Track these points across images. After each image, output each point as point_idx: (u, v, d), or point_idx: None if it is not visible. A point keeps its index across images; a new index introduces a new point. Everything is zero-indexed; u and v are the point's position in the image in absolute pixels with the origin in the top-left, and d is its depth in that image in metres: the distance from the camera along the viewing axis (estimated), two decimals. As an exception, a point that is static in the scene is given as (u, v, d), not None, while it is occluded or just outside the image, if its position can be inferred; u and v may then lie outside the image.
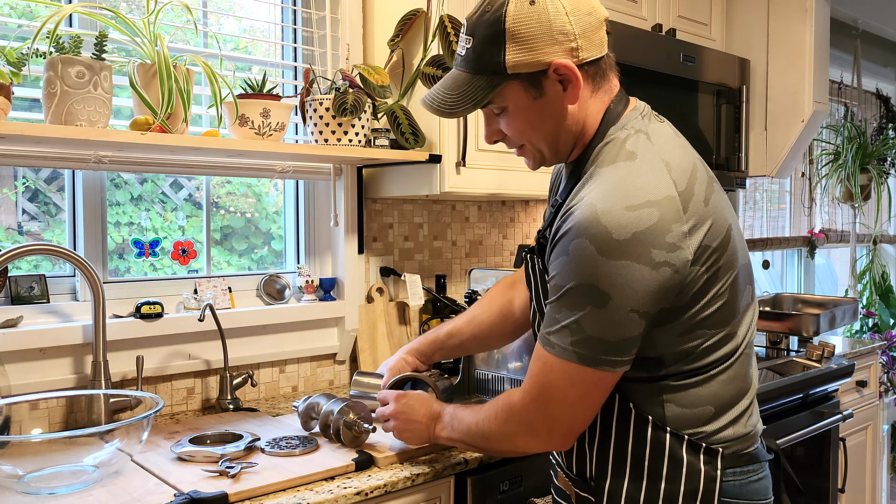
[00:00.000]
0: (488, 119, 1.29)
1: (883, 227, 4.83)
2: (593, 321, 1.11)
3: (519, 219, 2.76)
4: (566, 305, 1.13)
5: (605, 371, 1.14)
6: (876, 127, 4.74)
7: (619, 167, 1.17)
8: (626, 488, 1.22)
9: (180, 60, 1.68)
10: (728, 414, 1.22)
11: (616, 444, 1.23)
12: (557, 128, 1.24)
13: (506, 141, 1.30)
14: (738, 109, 2.85)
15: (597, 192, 1.14)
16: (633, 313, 1.10)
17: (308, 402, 1.67)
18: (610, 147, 1.21)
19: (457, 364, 2.38)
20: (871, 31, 4.70)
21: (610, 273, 1.09)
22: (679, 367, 1.19)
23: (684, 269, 1.12)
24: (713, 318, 1.17)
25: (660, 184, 1.13)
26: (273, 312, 2.06)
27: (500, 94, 1.22)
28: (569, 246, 1.12)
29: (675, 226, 1.11)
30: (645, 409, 1.20)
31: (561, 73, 1.18)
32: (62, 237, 1.85)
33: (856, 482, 2.96)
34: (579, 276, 1.11)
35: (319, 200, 2.25)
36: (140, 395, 1.59)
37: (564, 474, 1.34)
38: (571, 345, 1.13)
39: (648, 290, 1.10)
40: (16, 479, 1.32)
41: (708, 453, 1.19)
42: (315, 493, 1.37)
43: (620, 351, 1.13)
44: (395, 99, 2.10)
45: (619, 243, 1.09)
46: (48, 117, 1.52)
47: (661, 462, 1.20)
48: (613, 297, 1.09)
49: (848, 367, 2.65)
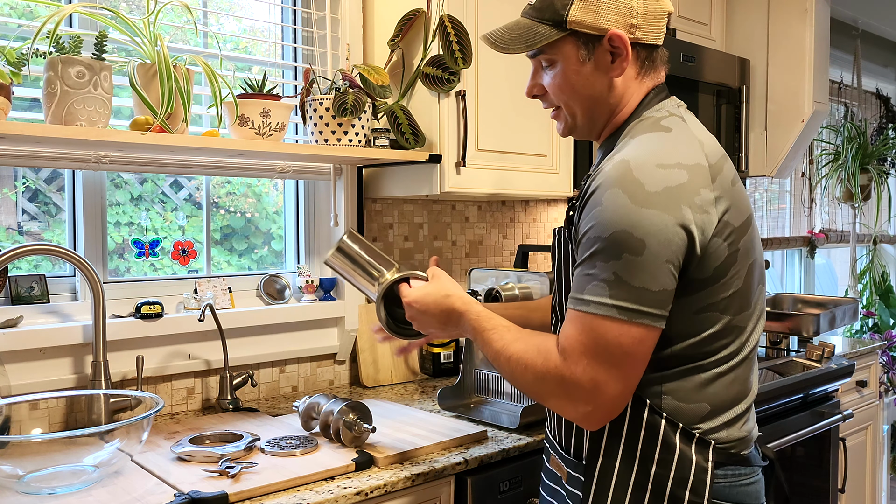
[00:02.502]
0: (535, 72, 1.32)
1: (883, 227, 4.83)
2: (631, 270, 1.09)
3: (519, 219, 2.76)
4: (601, 257, 1.11)
5: (645, 326, 1.10)
6: (876, 127, 4.74)
7: (652, 135, 1.21)
8: (617, 468, 1.21)
9: (180, 60, 1.68)
10: (724, 416, 1.21)
11: (611, 424, 1.21)
12: (597, 98, 1.27)
13: (544, 99, 1.33)
14: (738, 109, 2.85)
15: (628, 151, 1.17)
16: (668, 264, 1.10)
17: (308, 402, 1.67)
18: (643, 123, 1.25)
19: (457, 364, 2.39)
20: (871, 31, 4.70)
21: (643, 221, 1.09)
22: (684, 349, 1.18)
23: (708, 234, 1.13)
24: (726, 302, 1.18)
25: (691, 153, 1.17)
26: (273, 312, 2.06)
27: (553, 46, 1.25)
28: (602, 196, 1.13)
29: (704, 191, 1.13)
30: (643, 392, 1.20)
31: (614, 45, 1.22)
32: (62, 237, 1.85)
33: (856, 482, 2.96)
34: (614, 224, 1.10)
35: (319, 200, 2.25)
36: (140, 395, 1.59)
37: (558, 455, 1.33)
38: (610, 298, 1.10)
39: (679, 244, 1.10)
40: (16, 479, 1.32)
41: (700, 444, 1.19)
42: (315, 493, 1.37)
43: (660, 303, 1.10)
44: (395, 99, 2.10)
45: (652, 194, 1.10)
46: (48, 117, 1.52)
47: (653, 445, 1.19)
48: (648, 246, 1.09)
49: (848, 367, 2.65)
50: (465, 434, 1.67)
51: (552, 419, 1.36)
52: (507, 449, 1.66)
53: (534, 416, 1.77)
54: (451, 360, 2.39)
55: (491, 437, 1.72)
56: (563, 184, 2.33)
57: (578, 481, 1.26)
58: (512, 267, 2.60)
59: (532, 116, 2.25)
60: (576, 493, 1.26)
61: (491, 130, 2.14)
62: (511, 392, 1.91)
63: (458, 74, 2.02)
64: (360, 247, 1.45)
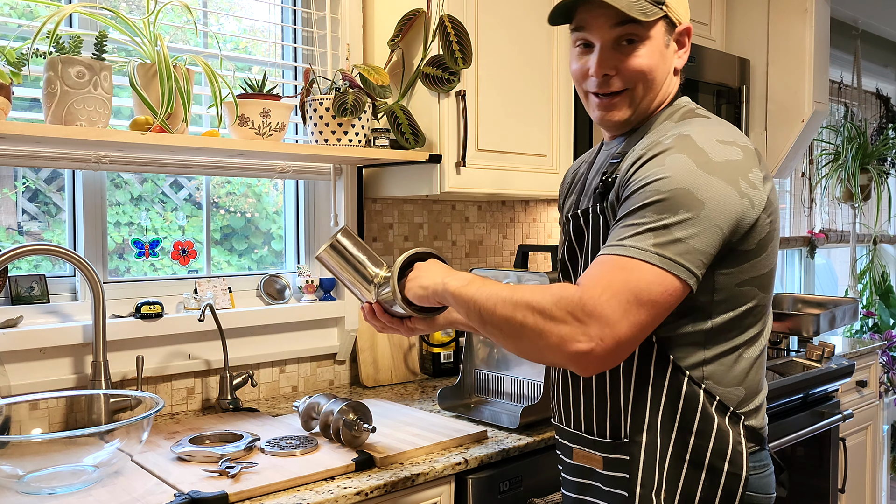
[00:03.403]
0: (606, 49, 1.25)
1: (883, 227, 4.83)
2: (684, 226, 1.10)
3: (519, 219, 2.76)
4: (656, 210, 1.11)
5: (678, 279, 1.09)
6: (876, 127, 4.74)
7: (696, 120, 1.25)
8: (659, 441, 1.22)
9: (180, 60, 1.68)
10: (753, 402, 1.26)
11: (651, 396, 1.22)
12: (661, 83, 1.29)
13: (612, 80, 1.26)
14: (739, 109, 2.85)
15: (685, 128, 1.21)
16: (718, 229, 1.12)
17: (308, 402, 1.67)
18: (678, 111, 1.29)
19: (457, 364, 2.39)
20: (871, 31, 4.70)
21: (707, 184, 1.12)
22: (724, 323, 1.21)
23: (759, 209, 1.17)
24: (762, 280, 1.23)
25: (740, 135, 1.23)
26: (273, 312, 2.06)
27: (652, 24, 1.25)
28: (665, 159, 1.15)
29: (755, 169, 1.18)
30: (683, 364, 1.21)
31: (685, 37, 1.30)
32: (62, 237, 1.85)
33: (856, 482, 2.96)
34: (676, 182, 1.12)
35: (319, 200, 2.25)
36: (140, 395, 1.59)
37: (586, 445, 1.31)
38: (654, 246, 1.09)
39: (733, 212, 1.13)
40: (16, 479, 1.32)
41: (733, 419, 1.22)
42: (315, 493, 1.37)
43: (699, 262, 1.11)
44: (395, 99, 2.10)
45: (715, 164, 1.14)
46: (48, 117, 1.52)
47: (693, 416, 1.21)
48: (706, 207, 1.11)
49: (848, 367, 2.65)
50: (465, 434, 1.67)
51: (577, 409, 1.34)
52: (507, 449, 1.66)
53: (534, 416, 1.77)
54: (451, 360, 2.39)
55: (491, 437, 1.72)
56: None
57: (622, 462, 1.25)
58: (512, 267, 2.60)
59: (532, 116, 2.25)
60: (619, 476, 1.25)
61: (491, 130, 2.14)
62: (511, 392, 1.92)
63: (458, 74, 2.02)
64: (353, 244, 1.38)
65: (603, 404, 1.28)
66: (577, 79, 1.33)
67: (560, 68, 2.32)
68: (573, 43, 1.31)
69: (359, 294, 1.40)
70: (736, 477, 1.20)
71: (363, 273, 1.38)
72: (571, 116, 2.37)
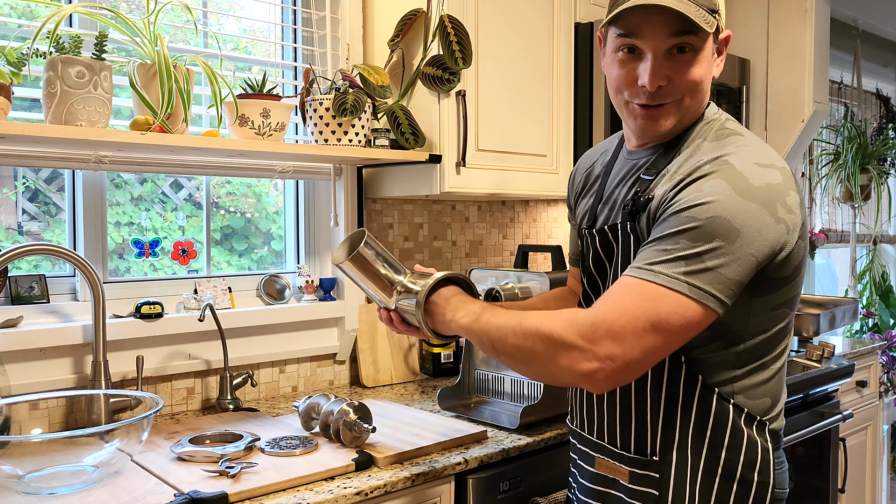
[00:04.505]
0: (658, 60, 1.20)
1: (883, 227, 4.83)
2: (717, 254, 1.09)
3: (519, 219, 2.76)
4: (690, 238, 1.10)
5: (706, 308, 1.09)
6: (876, 127, 4.74)
7: (731, 139, 1.22)
8: (690, 458, 1.23)
9: (180, 60, 1.68)
10: (777, 407, 1.27)
11: (681, 415, 1.23)
12: (706, 93, 1.26)
13: (662, 92, 1.21)
14: (738, 109, 2.85)
15: (722, 150, 1.18)
16: (753, 257, 1.11)
17: (308, 403, 1.67)
18: (710, 125, 1.26)
19: (457, 364, 2.39)
20: (871, 31, 4.70)
21: (744, 211, 1.10)
22: (756, 345, 1.21)
23: (794, 234, 1.15)
24: (793, 301, 1.23)
25: (776, 155, 1.20)
26: (273, 312, 2.06)
27: (707, 33, 1.20)
28: (704, 185, 1.13)
29: (792, 192, 1.16)
30: (712, 380, 1.22)
31: (726, 44, 1.27)
32: (62, 237, 1.85)
33: (856, 482, 2.96)
34: (715, 210, 1.10)
35: (319, 200, 2.25)
36: (140, 395, 1.59)
37: (611, 457, 1.31)
38: (684, 274, 1.09)
39: (768, 240, 1.11)
40: (16, 479, 1.32)
41: (759, 426, 1.24)
42: (315, 493, 1.37)
43: (730, 291, 1.10)
44: (395, 99, 2.10)
45: (755, 189, 1.12)
46: (48, 117, 1.52)
47: (723, 431, 1.22)
48: (742, 236, 1.09)
49: (848, 367, 2.65)
50: (465, 434, 1.67)
51: (600, 421, 1.34)
52: (507, 449, 1.66)
53: (534, 416, 1.77)
54: (451, 360, 2.39)
55: (491, 437, 1.72)
56: (563, 184, 2.33)
57: (650, 479, 1.26)
58: (512, 267, 2.60)
59: (532, 116, 2.25)
60: (647, 492, 1.26)
61: (491, 130, 2.14)
62: (511, 392, 1.92)
63: (458, 74, 2.02)
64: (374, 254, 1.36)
65: (628, 420, 1.29)
66: (618, 86, 1.24)
67: (560, 68, 2.32)
68: (614, 48, 1.23)
69: (378, 300, 1.40)
70: (765, 485, 1.23)
71: (384, 282, 1.37)
72: (571, 116, 2.37)
